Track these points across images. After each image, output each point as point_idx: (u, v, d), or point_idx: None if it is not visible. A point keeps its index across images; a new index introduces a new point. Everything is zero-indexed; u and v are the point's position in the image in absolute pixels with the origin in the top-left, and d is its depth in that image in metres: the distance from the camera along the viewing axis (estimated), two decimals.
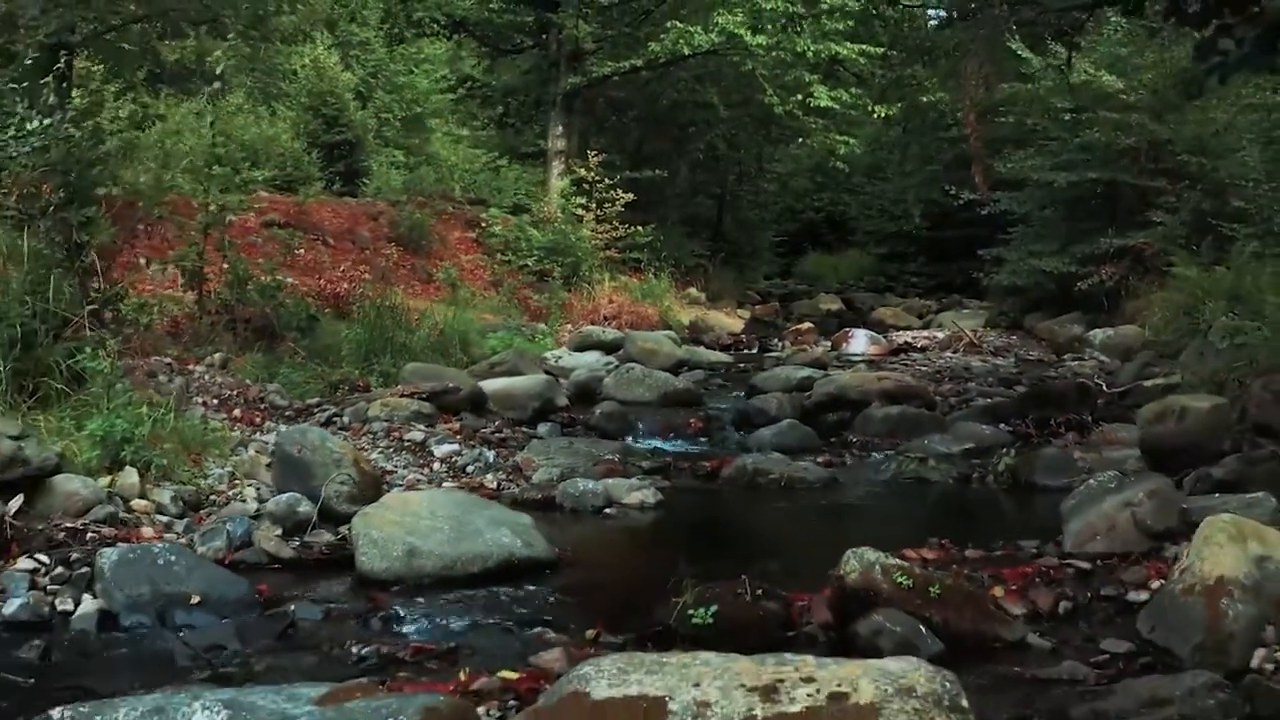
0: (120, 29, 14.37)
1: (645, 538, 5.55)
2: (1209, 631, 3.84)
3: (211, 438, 5.98)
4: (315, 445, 5.34)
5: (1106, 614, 4.26)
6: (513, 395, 8.33)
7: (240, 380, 7.43)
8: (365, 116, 19.29)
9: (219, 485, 5.48)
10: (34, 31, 11.80)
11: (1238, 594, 3.90)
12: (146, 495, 5.17)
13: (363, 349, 8.75)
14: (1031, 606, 4.26)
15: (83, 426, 5.40)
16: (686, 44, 16.52)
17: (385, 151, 19.50)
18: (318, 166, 17.26)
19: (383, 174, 18.60)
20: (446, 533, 4.63)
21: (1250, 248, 11.80)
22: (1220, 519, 4.22)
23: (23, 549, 4.56)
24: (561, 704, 2.82)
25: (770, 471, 6.75)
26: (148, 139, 12.47)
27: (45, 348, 5.84)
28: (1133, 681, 3.50)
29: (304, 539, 4.95)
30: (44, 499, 4.86)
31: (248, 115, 17.69)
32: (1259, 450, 6.12)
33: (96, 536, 4.71)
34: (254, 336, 8.47)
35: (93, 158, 7.22)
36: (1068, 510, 5.07)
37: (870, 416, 8.28)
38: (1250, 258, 11.65)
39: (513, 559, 4.63)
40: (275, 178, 15.22)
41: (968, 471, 6.99)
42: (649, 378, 9.43)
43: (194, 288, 8.48)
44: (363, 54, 20.39)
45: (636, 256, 17.00)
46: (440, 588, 4.42)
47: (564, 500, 5.95)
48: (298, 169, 16.70)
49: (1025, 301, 16.04)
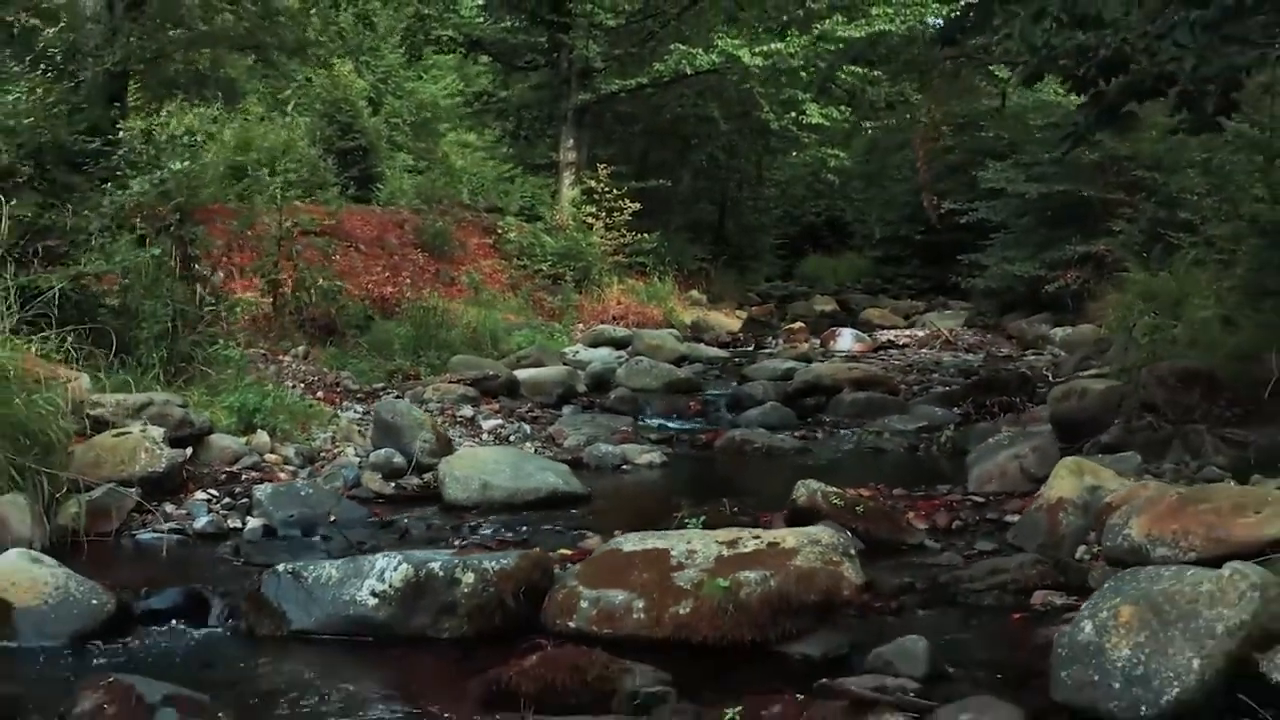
0: (173, 56, 16.16)
1: (654, 485, 7.36)
2: (1048, 534, 5.63)
3: (311, 411, 7.79)
4: (404, 413, 7.16)
5: (986, 529, 6.06)
6: (540, 382, 10.14)
7: (319, 368, 9.25)
8: (377, 123, 20.98)
9: (325, 445, 7.30)
10: (100, 60, 13.59)
11: (1071, 510, 5.70)
12: (275, 451, 6.97)
13: (412, 344, 10.56)
14: (932, 524, 6.06)
15: (219, 399, 7.21)
16: (689, 64, 18.35)
17: (396, 157, 21.21)
18: (333, 173, 18.96)
19: (396, 179, 20.34)
20: (508, 473, 6.46)
21: (1191, 255, 13.57)
22: (1067, 460, 6.02)
23: (196, 485, 6.37)
24: (603, 555, 4.64)
25: (754, 442, 8.55)
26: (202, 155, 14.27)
27: (182, 340, 7.65)
28: (984, 561, 5.30)
29: (399, 482, 6.75)
30: (204, 452, 6.68)
31: (267, 123, 19.40)
32: (1140, 422, 7.90)
33: (247, 478, 6.52)
34: (320, 333, 10.28)
35: (199, 184, 9.02)
36: (971, 461, 6.88)
37: (841, 400, 10.09)
38: (1191, 264, 13.42)
39: (557, 492, 6.47)
40: (293, 184, 16.99)
41: (917, 443, 8.79)
42: (655, 369, 11.24)
43: (271, 292, 10.28)
44: (373, 60, 21.96)
45: (642, 261, 18.81)
46: (506, 510, 6.24)
47: (589, 460, 7.76)
48: (314, 175, 18.42)
49: (1001, 303, 17.86)
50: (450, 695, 3.92)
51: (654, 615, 4.28)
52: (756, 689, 3.69)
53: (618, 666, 3.84)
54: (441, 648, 4.38)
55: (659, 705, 3.65)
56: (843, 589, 4.34)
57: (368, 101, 21.45)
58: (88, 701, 3.66)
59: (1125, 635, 3.67)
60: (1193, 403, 7.80)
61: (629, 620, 4.30)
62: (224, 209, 10.76)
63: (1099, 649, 3.68)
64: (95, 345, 7.02)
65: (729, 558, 4.41)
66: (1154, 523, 5.11)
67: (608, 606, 4.34)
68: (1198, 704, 3.53)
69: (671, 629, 4.25)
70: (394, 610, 4.42)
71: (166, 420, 6.48)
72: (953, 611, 4.77)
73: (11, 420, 5.66)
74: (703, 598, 4.27)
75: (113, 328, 7.24)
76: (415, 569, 4.44)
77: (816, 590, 4.29)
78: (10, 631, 4.45)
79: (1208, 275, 12.46)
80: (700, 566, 4.40)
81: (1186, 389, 7.89)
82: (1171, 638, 3.62)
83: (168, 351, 7.34)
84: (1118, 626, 3.70)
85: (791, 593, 4.25)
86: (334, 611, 4.48)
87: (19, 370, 5.90)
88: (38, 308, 6.75)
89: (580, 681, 3.75)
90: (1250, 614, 3.64)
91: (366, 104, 21.22)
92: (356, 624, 4.46)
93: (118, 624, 4.59)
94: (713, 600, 4.24)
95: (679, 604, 4.29)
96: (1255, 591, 3.70)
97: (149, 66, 15.57)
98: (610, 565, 4.55)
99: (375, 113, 21.51)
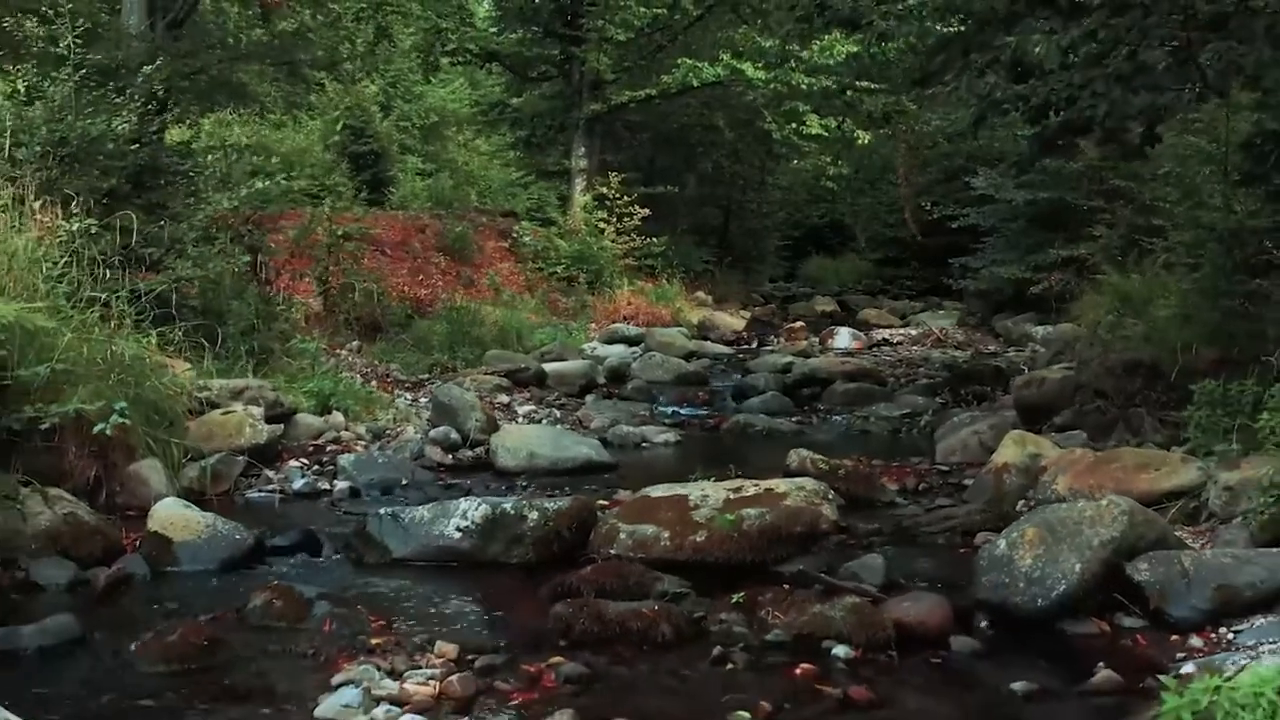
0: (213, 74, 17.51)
1: (670, 458, 8.76)
2: (995, 491, 7.03)
3: (372, 397, 9.19)
4: (458, 397, 8.57)
5: (946, 490, 7.46)
6: (565, 374, 11.55)
7: (371, 361, 10.65)
8: (389, 127, 22.24)
9: (389, 424, 8.69)
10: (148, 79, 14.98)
11: (1014, 472, 7.09)
12: (349, 428, 8.37)
13: (448, 340, 11.96)
14: (902, 486, 7.46)
15: (298, 385, 8.60)
16: (695, 77, 19.72)
17: (406, 160, 22.44)
18: (347, 176, 20.20)
19: (408, 182, 21.63)
20: (550, 446, 7.88)
21: (1161, 260, 14.96)
22: (1014, 433, 7.42)
23: (289, 455, 7.77)
24: (637, 500, 6.05)
25: (756, 425, 9.95)
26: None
27: (262, 334, 9.05)
28: (940, 511, 6.70)
29: (456, 454, 8.15)
30: (292, 428, 8.08)
31: (285, 129, 20.65)
32: (1090, 406, 9.28)
33: (330, 449, 7.92)
34: (367, 331, 11.69)
35: (268, 198, 10.43)
36: (939, 437, 8.27)
37: (834, 390, 11.49)
38: (1161, 267, 14.81)
39: (591, 461, 7.89)
40: (308, 188, 18.29)
41: (899, 426, 10.18)
42: (667, 363, 12.65)
43: (323, 293, 11.69)
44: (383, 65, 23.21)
45: (651, 264, 20.19)
46: (549, 475, 7.65)
47: (613, 439, 9.15)
48: (329, 179, 19.73)
49: (990, 304, 19.26)
50: (523, 600, 5.31)
51: (676, 543, 5.68)
52: (755, 587, 5.08)
53: (651, 575, 5.25)
54: (511, 570, 5.78)
55: (683, 598, 5.05)
56: (821, 523, 5.75)
57: (379, 107, 22.71)
58: (259, 599, 5.06)
59: (1029, 549, 5.06)
60: (1135, 389, 9.18)
61: (657, 547, 5.69)
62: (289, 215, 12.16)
63: (1009, 559, 5.06)
64: (189, 340, 8.42)
65: (734, 499, 5.82)
66: (1075, 478, 6.54)
67: (641, 536, 5.74)
68: (1079, 597, 4.92)
69: (690, 553, 5.65)
70: (474, 541, 5.82)
71: (261, 402, 7.88)
72: (910, 547, 6.17)
73: (145, 400, 7.05)
74: (714, 529, 5.67)
75: (204, 324, 8.64)
76: (491, 509, 5.85)
77: (802, 523, 5.69)
78: (172, 559, 5.85)
79: (1175, 278, 13.88)
80: (712, 506, 5.81)
81: (1130, 377, 9.27)
82: (1061, 550, 5.00)
83: (252, 345, 8.72)
84: (1024, 543, 5.09)
85: (782, 525, 5.66)
86: (426, 543, 5.88)
87: (149, 360, 7.30)
88: (143, 308, 8.14)
89: (624, 585, 5.14)
90: (1119, 531, 5.03)
91: (378, 109, 22.47)
92: (444, 552, 5.85)
93: (255, 555, 5.98)
94: (721, 531, 5.64)
95: (695, 534, 5.69)
96: (1125, 516, 5.09)
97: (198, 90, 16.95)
98: (642, 507, 5.95)
99: (386, 117, 22.77)
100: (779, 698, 4.09)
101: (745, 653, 4.54)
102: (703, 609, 4.96)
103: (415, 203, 20.55)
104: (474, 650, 4.49)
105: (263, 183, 9.36)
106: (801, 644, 4.59)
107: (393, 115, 23.54)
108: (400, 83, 24.56)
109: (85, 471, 6.60)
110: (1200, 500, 6.23)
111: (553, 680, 4.20)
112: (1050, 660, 4.58)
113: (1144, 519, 5.18)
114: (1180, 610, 4.83)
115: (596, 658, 4.46)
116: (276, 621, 4.90)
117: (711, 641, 4.63)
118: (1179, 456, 6.69)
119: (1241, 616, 4.83)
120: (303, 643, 4.65)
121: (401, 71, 24.10)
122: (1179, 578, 4.91)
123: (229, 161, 10.49)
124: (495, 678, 4.23)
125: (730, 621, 4.80)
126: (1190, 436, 7.00)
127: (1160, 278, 14.42)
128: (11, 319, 6.04)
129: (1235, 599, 4.85)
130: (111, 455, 6.72)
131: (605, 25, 19.84)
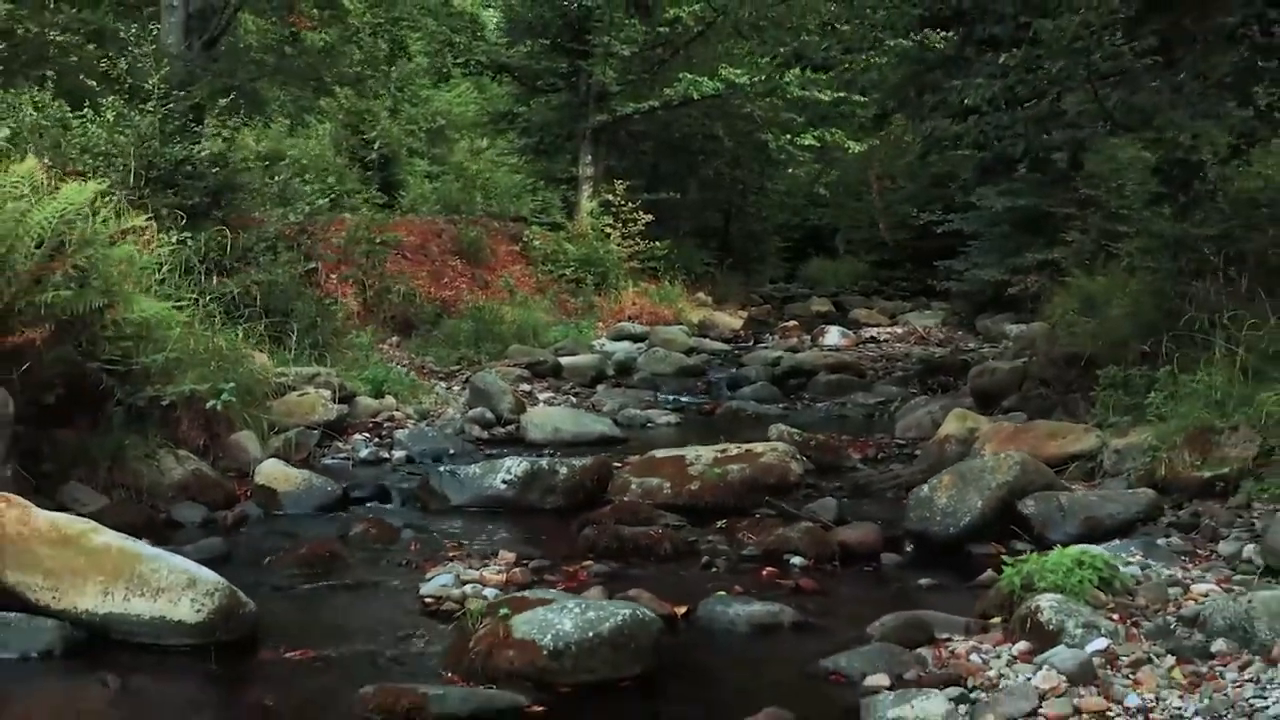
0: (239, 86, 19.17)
1: (671, 435, 10.54)
2: (937, 458, 8.76)
3: (416, 385, 10.96)
4: (492, 383, 10.35)
5: (900, 458, 9.22)
6: (578, 367, 13.33)
7: (408, 354, 12.42)
8: (398, 132, 23.79)
9: (432, 407, 10.46)
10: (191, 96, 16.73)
11: (954, 442, 8.85)
12: (400, 410, 10.14)
13: (473, 337, 13.72)
14: (864, 455, 9.23)
15: (355, 373, 10.36)
16: (696, 90, 21.49)
17: (413, 163, 23.95)
18: (358, 180, 21.76)
19: (417, 185, 23.23)
20: (571, 422, 9.69)
21: (1125, 263, 16.72)
22: (956, 410, 9.19)
23: (353, 430, 9.54)
24: (644, 458, 7.83)
25: (746, 410, 11.73)
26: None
27: (321, 330, 10.82)
28: (890, 472, 8.47)
29: (491, 431, 9.91)
30: (354, 409, 9.85)
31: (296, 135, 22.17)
32: (1034, 392, 11.04)
33: (386, 426, 9.69)
34: (401, 328, 13.46)
35: (320, 211, 12.20)
36: (897, 417, 10.05)
37: (817, 381, 13.26)
38: (1123, 270, 16.58)
39: (605, 435, 9.69)
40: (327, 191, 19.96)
41: (872, 411, 11.95)
42: (669, 358, 14.42)
43: (363, 294, 13.47)
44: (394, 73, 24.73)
45: (654, 266, 21.94)
46: (571, 446, 9.42)
47: (622, 420, 10.91)
48: (341, 184, 21.32)
49: (973, 304, 21.04)
50: (558, 531, 7.07)
51: (676, 490, 7.46)
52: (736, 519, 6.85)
53: (656, 513, 7.03)
54: (546, 513, 7.54)
55: (681, 528, 6.83)
56: (790, 476, 7.53)
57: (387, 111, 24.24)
58: (359, 527, 6.85)
59: (944, 491, 6.81)
60: (1073, 378, 10.95)
61: (661, 494, 7.46)
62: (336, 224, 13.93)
63: (930, 499, 6.81)
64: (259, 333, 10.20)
65: (721, 458, 7.60)
66: (999, 444, 8.30)
67: (648, 486, 7.51)
68: (980, 526, 6.67)
69: (687, 498, 7.42)
70: (517, 490, 7.59)
71: (329, 386, 9.65)
72: (862, 497, 7.94)
73: (239, 383, 8.81)
74: (705, 480, 7.44)
75: (273, 321, 10.40)
76: (530, 465, 7.63)
77: (774, 476, 7.47)
78: (278, 505, 7.61)
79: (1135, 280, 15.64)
80: (704, 463, 7.58)
81: (1070, 367, 11.02)
82: (969, 491, 6.76)
83: (315, 339, 10.49)
84: (941, 486, 6.85)
85: (759, 477, 7.43)
86: (477, 493, 7.64)
87: (239, 349, 9.07)
88: (226, 307, 9.91)
89: (636, 518, 6.91)
90: (1013, 477, 6.79)
91: (386, 113, 24.00)
92: (492, 500, 7.61)
93: (341, 503, 7.74)
94: (711, 481, 7.41)
95: (691, 484, 7.46)
96: (1018, 465, 6.85)
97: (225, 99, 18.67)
98: (648, 464, 7.73)
99: (393, 119, 24.29)
100: (748, 586, 5.86)
101: (726, 561, 6.32)
102: (695, 535, 6.74)
103: (424, 206, 22.09)
104: (526, 559, 6.26)
105: (318, 200, 11.10)
106: (768, 556, 6.37)
107: (400, 118, 25.10)
108: (407, 87, 26.08)
109: (195, 440, 8.36)
110: (1096, 462, 8.00)
111: (585, 575, 5.98)
112: (953, 570, 6.33)
113: (1034, 468, 6.94)
114: (1057, 535, 6.55)
115: (616, 564, 6.23)
116: (374, 544, 6.68)
117: (701, 554, 6.41)
118: (1083, 428, 8.46)
119: (1103, 540, 6.58)
120: (397, 555, 6.43)
121: (408, 76, 25.59)
122: (1056, 511, 6.67)
123: (284, 178, 12.27)
124: (544, 574, 6.00)
125: (715, 541, 6.59)
126: (1097, 413, 8.75)
127: (1120, 280, 16.24)
128: (150, 315, 7.78)
129: (1098, 527, 6.61)
130: (216, 427, 8.48)
131: (611, 41, 21.59)
